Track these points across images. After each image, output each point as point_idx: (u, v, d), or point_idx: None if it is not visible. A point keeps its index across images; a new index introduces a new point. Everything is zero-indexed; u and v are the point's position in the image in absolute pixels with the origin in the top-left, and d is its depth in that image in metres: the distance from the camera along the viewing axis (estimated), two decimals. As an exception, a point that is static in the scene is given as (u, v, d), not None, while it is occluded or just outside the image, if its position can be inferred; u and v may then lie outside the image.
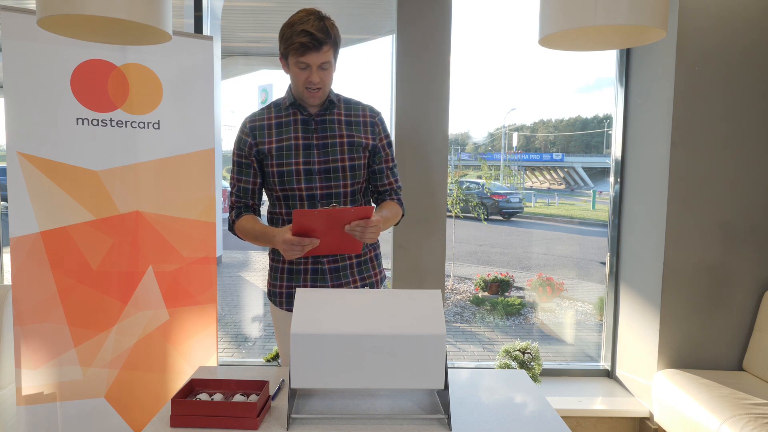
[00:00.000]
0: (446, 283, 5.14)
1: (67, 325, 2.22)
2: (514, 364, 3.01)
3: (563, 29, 1.31)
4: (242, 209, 1.85)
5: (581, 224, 8.00)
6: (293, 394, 1.44)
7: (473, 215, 5.91)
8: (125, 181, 2.27)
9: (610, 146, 3.20)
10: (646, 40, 1.45)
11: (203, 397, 1.45)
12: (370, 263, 1.89)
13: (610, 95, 3.16)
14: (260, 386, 1.49)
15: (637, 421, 2.87)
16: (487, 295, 5.25)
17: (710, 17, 2.59)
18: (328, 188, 1.77)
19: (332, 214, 1.54)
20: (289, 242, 1.58)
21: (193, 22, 2.88)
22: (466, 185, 5.99)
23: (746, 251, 2.70)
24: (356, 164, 1.79)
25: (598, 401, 2.91)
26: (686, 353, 2.73)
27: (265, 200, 1.91)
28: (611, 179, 3.16)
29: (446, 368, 1.35)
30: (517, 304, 5.09)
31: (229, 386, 1.51)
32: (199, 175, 2.39)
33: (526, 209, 7.69)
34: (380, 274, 1.94)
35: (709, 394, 2.39)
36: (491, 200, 6.75)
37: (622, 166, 3.08)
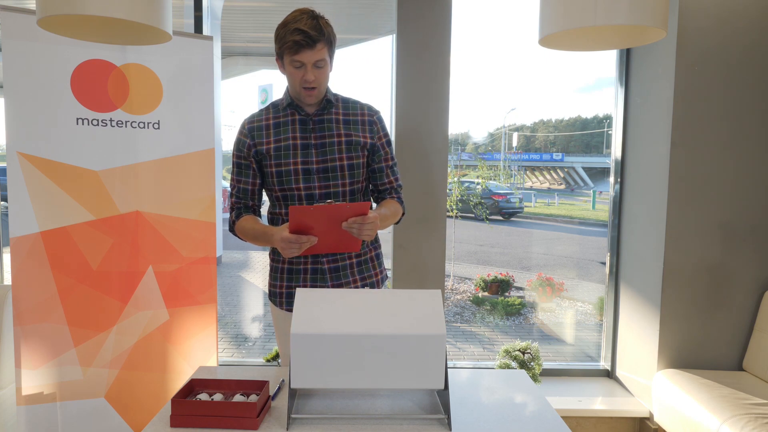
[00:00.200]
0: (446, 283, 5.14)
1: (67, 325, 2.22)
2: (514, 364, 3.01)
3: (563, 29, 1.31)
4: (242, 210, 1.85)
5: (581, 224, 7.98)
6: (293, 394, 1.44)
7: (475, 214, 5.90)
8: (125, 181, 2.27)
9: (610, 146, 3.20)
10: (646, 40, 1.45)
11: (203, 397, 1.45)
12: (370, 263, 1.89)
13: (610, 95, 3.16)
14: (260, 386, 1.49)
15: (637, 421, 2.87)
16: (487, 295, 5.24)
17: (710, 17, 2.59)
18: (326, 188, 1.77)
19: (328, 210, 1.54)
20: (286, 240, 1.58)
21: (193, 22, 2.88)
22: (466, 185, 5.99)
23: (746, 251, 2.70)
24: (355, 163, 1.79)
25: (598, 401, 2.91)
26: (686, 353, 2.73)
27: (265, 200, 1.91)
28: (611, 179, 3.16)
29: (446, 368, 1.35)
30: (517, 304, 5.08)
31: (229, 386, 1.51)
32: (199, 175, 2.39)
33: (526, 209, 7.68)
34: (381, 273, 1.93)
35: (709, 394, 2.39)
36: (491, 200, 6.74)
37: (622, 166, 3.08)
